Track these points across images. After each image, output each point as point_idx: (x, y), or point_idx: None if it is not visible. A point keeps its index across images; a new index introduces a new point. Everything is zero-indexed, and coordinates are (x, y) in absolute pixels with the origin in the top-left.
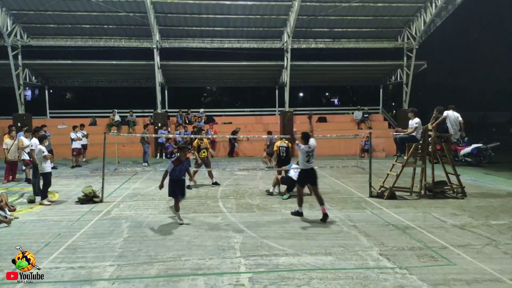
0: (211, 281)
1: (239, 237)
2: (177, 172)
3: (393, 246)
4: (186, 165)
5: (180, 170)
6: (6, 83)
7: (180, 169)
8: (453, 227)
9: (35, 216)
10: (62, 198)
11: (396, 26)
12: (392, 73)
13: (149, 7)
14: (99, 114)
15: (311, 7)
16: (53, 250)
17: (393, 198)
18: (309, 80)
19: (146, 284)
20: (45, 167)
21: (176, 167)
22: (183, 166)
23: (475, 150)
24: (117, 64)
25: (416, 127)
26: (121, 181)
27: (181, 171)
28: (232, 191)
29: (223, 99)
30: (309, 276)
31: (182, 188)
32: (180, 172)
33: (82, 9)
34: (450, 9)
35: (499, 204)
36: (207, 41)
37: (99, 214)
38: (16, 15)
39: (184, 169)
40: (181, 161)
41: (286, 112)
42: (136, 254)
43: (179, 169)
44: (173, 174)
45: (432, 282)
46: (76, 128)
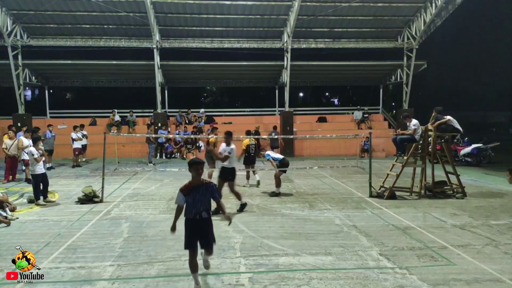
0: (211, 281)
1: (239, 237)
2: (192, 205)
3: (393, 246)
4: (208, 192)
5: (197, 201)
6: (6, 83)
7: (197, 200)
8: (453, 227)
9: (35, 216)
10: (62, 198)
11: (396, 26)
12: (392, 73)
13: (149, 7)
14: (99, 114)
15: (311, 7)
16: (53, 250)
17: (393, 198)
18: (309, 80)
19: (146, 284)
20: (35, 169)
21: (188, 196)
22: (200, 195)
23: (475, 150)
24: (117, 64)
25: (414, 129)
26: (121, 181)
27: (199, 202)
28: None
29: (223, 99)
30: (309, 276)
31: (203, 232)
32: (196, 204)
33: (82, 9)
34: (450, 9)
35: (499, 204)
36: (207, 41)
37: (99, 214)
38: (16, 15)
39: (206, 200)
40: (193, 187)
41: (286, 112)
42: (136, 254)
43: (195, 200)
44: (188, 209)
45: (432, 282)
46: (76, 128)
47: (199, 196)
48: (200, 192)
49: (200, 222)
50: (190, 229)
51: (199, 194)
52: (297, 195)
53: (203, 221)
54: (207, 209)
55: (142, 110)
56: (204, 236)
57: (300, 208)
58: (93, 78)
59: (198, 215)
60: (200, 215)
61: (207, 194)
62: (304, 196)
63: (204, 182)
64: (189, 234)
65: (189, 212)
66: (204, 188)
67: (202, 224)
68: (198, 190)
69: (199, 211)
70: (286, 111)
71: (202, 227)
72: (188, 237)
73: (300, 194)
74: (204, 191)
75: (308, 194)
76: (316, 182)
